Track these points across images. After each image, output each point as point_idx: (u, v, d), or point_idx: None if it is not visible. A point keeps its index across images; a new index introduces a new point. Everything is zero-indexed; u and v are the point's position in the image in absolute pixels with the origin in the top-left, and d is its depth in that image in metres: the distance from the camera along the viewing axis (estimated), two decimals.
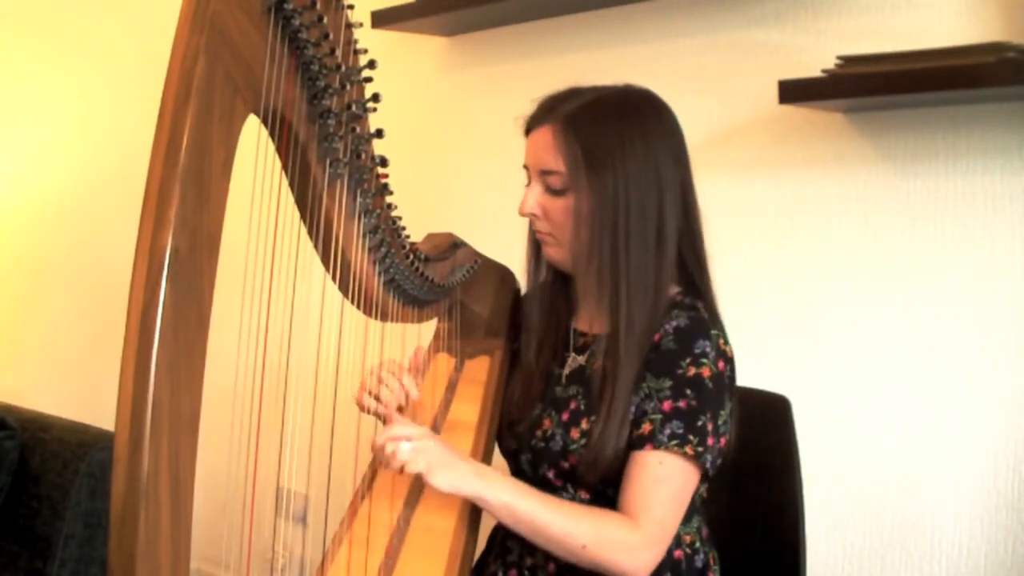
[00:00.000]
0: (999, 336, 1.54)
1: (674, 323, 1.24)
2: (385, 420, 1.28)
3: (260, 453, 0.91)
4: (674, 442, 1.19)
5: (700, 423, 1.19)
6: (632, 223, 1.23)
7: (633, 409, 1.22)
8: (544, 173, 1.27)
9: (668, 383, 1.21)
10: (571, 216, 1.26)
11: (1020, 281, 1.52)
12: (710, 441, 1.20)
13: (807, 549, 1.42)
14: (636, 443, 1.21)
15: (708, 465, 1.20)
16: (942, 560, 1.60)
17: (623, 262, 1.23)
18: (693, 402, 1.20)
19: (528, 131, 1.31)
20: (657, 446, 1.19)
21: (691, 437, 1.19)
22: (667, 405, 1.20)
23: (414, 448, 1.13)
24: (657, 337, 1.24)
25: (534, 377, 1.37)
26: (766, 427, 1.45)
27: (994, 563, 1.55)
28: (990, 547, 1.55)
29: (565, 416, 1.29)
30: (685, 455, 1.19)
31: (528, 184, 1.31)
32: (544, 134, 1.26)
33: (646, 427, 1.20)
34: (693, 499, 1.29)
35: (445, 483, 1.14)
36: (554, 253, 1.31)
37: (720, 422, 1.21)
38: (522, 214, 1.31)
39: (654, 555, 1.19)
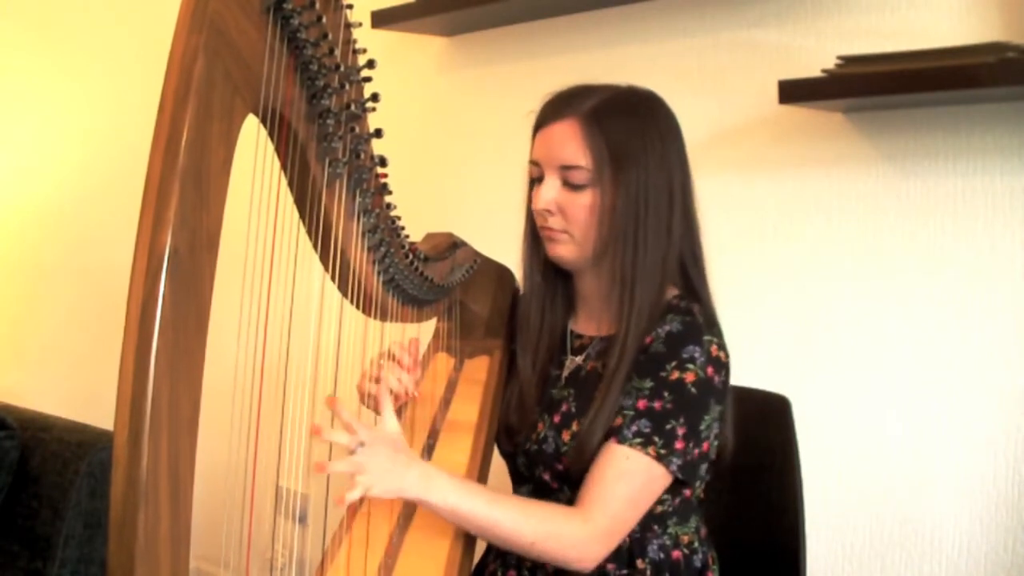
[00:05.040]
0: (999, 336, 1.54)
1: (667, 327, 1.24)
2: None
3: (260, 452, 0.91)
4: (637, 440, 1.18)
5: (669, 427, 1.18)
6: (651, 220, 1.23)
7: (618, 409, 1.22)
8: (565, 168, 1.25)
9: (649, 384, 1.21)
10: (593, 212, 1.24)
11: (1020, 281, 1.52)
12: (678, 445, 1.18)
13: (807, 549, 1.42)
14: (606, 434, 1.21)
15: (675, 469, 1.19)
16: (942, 560, 1.60)
17: (641, 259, 1.23)
18: (668, 405, 1.19)
19: (540, 126, 1.28)
20: (621, 440, 1.18)
21: (656, 439, 1.18)
22: (642, 403, 1.20)
23: (351, 463, 1.07)
24: (649, 340, 1.24)
25: (531, 383, 1.36)
26: (766, 427, 1.45)
27: (994, 563, 1.55)
28: (990, 547, 1.55)
29: (556, 418, 1.29)
30: (647, 455, 1.18)
31: (538, 180, 1.29)
32: (566, 128, 1.24)
33: (617, 420, 1.20)
34: (691, 500, 1.29)
35: (386, 493, 1.09)
36: (564, 251, 1.29)
37: (702, 427, 1.20)
38: (537, 210, 1.28)
39: (603, 548, 1.18)
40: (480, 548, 1.40)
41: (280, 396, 1.03)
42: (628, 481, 1.18)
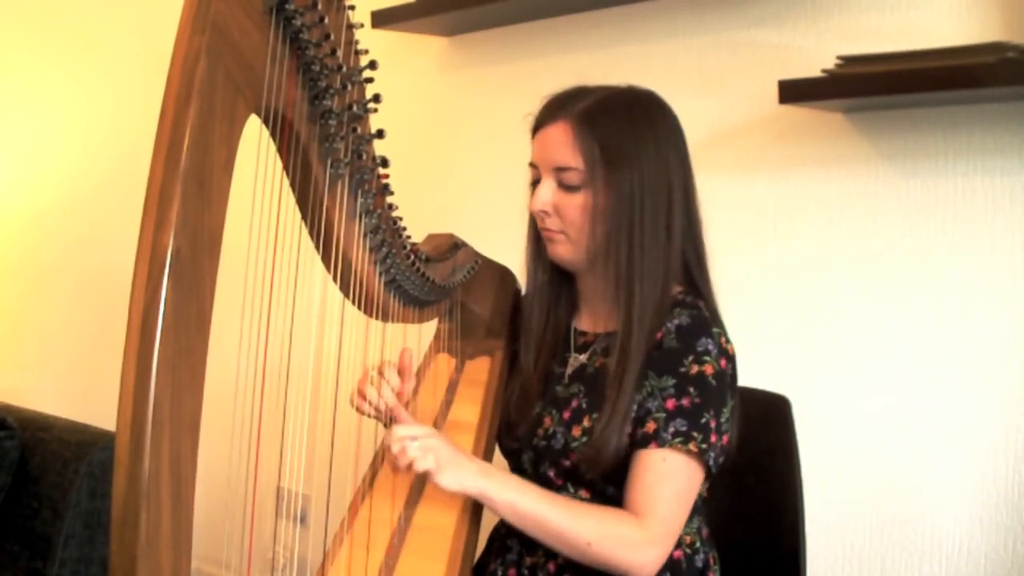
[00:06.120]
0: (999, 336, 1.55)
1: (676, 321, 1.25)
2: (387, 422, 1.28)
3: (261, 453, 0.91)
4: (678, 439, 1.19)
5: (704, 420, 1.20)
6: (647, 220, 1.24)
7: (635, 407, 1.22)
8: (559, 170, 1.26)
9: (671, 381, 1.22)
10: (587, 213, 1.25)
11: (1020, 281, 1.52)
12: (713, 438, 1.20)
13: (807, 549, 1.42)
14: (640, 442, 1.21)
15: (711, 462, 1.21)
16: (942, 560, 1.60)
17: (638, 259, 1.24)
18: (696, 400, 1.20)
19: (537, 128, 1.30)
20: (661, 444, 1.19)
21: (695, 434, 1.19)
22: (670, 403, 1.21)
23: (422, 446, 1.15)
24: (659, 335, 1.24)
25: (533, 379, 1.37)
26: (766, 427, 1.45)
27: (994, 563, 1.55)
28: (990, 547, 1.56)
29: (566, 414, 1.30)
30: (689, 452, 1.19)
31: (537, 181, 1.30)
32: (559, 130, 1.26)
33: (650, 425, 1.21)
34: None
35: (452, 482, 1.15)
36: (563, 251, 1.30)
37: (723, 419, 1.22)
38: (533, 211, 1.30)
39: (660, 552, 1.19)
40: (480, 549, 1.40)
41: (281, 397, 1.03)
42: (670, 482, 1.19)
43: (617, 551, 1.17)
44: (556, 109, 1.27)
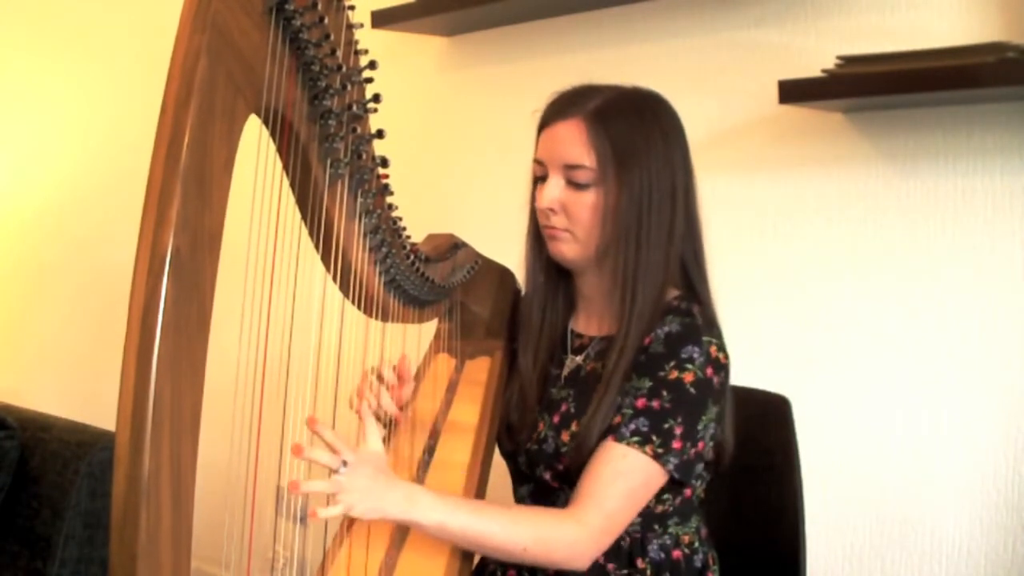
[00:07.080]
0: (999, 336, 1.55)
1: (666, 328, 1.24)
2: (387, 425, 1.28)
3: (261, 453, 0.91)
4: (635, 439, 1.18)
5: (667, 426, 1.19)
6: (653, 221, 1.24)
7: (616, 408, 1.22)
8: (569, 167, 1.25)
9: (648, 383, 1.21)
10: (597, 212, 1.24)
11: (1020, 281, 1.52)
12: (675, 445, 1.19)
13: (807, 549, 1.42)
14: (604, 432, 1.21)
15: (671, 468, 1.19)
16: (942, 560, 1.60)
17: (644, 259, 1.23)
18: (667, 404, 1.19)
19: (545, 125, 1.29)
20: (619, 439, 1.18)
21: (654, 438, 1.18)
22: (640, 402, 1.20)
23: (338, 485, 1.06)
24: (648, 340, 1.24)
25: (532, 381, 1.36)
26: (766, 427, 1.45)
27: (994, 563, 1.55)
28: (990, 547, 1.56)
29: (556, 419, 1.29)
30: (645, 454, 1.18)
31: (542, 179, 1.29)
32: (571, 128, 1.24)
33: (616, 419, 1.21)
34: (691, 499, 1.30)
35: (369, 513, 1.09)
36: (567, 250, 1.29)
37: (699, 427, 1.20)
38: (540, 208, 1.28)
39: (597, 547, 1.18)
40: None
41: (281, 396, 1.03)
42: (625, 480, 1.18)
43: (554, 552, 1.15)
44: (566, 107, 1.26)
